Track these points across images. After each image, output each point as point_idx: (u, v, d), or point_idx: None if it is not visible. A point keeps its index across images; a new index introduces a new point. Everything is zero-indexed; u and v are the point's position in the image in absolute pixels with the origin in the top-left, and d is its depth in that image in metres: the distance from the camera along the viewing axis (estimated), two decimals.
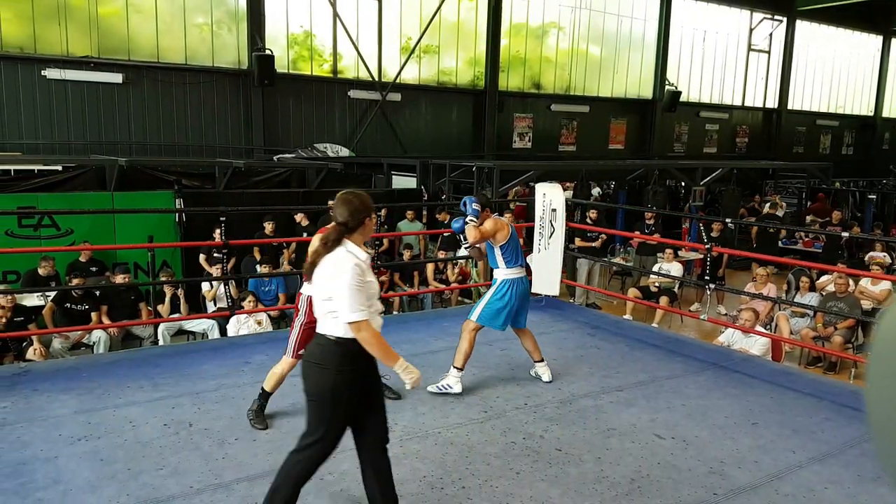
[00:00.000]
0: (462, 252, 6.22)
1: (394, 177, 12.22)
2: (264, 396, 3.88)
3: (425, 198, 10.80)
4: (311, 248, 3.62)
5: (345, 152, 14.52)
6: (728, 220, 9.36)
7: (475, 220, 4.35)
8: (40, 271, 7.47)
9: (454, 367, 4.40)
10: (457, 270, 9.30)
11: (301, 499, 2.73)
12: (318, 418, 2.64)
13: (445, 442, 3.74)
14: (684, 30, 20.74)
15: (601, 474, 3.44)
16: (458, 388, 4.37)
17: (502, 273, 4.48)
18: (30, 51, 11.67)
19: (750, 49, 22.61)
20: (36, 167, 10.19)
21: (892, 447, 0.99)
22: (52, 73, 11.75)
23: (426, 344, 5.47)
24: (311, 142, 14.47)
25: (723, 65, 22.03)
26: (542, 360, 4.70)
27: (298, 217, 9.13)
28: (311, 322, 3.78)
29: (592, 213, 9.91)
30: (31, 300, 7.41)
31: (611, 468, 3.51)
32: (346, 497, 3.15)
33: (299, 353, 3.77)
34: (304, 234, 8.63)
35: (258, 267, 8.22)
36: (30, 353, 6.52)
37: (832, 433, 4.03)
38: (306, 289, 3.86)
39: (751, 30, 22.44)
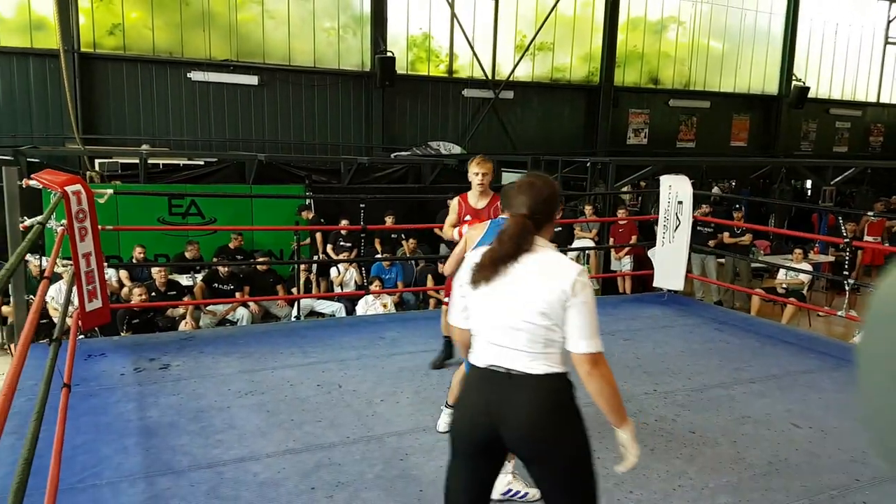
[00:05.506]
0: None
1: (504, 173, 12.38)
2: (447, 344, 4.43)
3: None
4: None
5: (457, 149, 14.83)
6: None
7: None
8: (187, 254, 8.26)
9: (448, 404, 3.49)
10: None
11: None
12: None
13: None
14: (814, 23, 19.60)
15: (737, 456, 3.46)
16: (443, 427, 3.54)
17: None
18: (177, 55, 12.78)
19: (887, 42, 21.03)
20: (181, 161, 11.21)
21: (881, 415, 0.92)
22: (196, 76, 12.79)
23: None
24: (425, 140, 14.91)
25: (856, 59, 20.61)
26: None
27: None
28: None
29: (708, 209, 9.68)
30: (183, 280, 8.22)
31: (747, 451, 3.52)
32: None
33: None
34: None
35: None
36: (182, 326, 7.26)
37: None
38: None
39: (888, 21, 20.87)
